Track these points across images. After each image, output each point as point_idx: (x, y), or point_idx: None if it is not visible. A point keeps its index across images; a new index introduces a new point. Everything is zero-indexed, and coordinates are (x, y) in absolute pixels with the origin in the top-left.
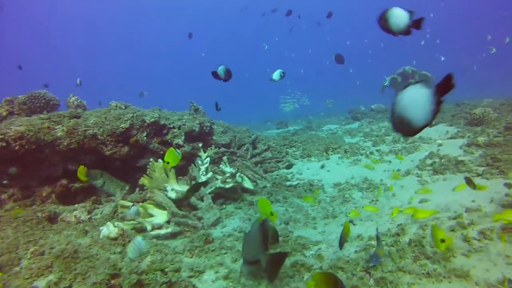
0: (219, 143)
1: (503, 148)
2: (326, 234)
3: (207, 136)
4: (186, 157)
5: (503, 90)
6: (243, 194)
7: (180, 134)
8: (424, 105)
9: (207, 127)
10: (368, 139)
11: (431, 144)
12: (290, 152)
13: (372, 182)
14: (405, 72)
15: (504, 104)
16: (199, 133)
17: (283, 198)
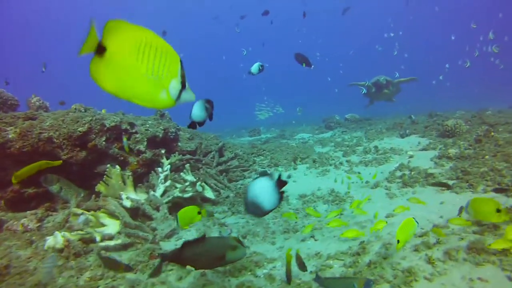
0: (184, 150)
1: (473, 161)
2: (283, 251)
3: (172, 142)
4: (147, 164)
5: (477, 103)
6: (204, 204)
7: (143, 139)
8: (271, 194)
9: (172, 133)
10: (339, 149)
11: (402, 156)
12: (258, 161)
13: (339, 195)
14: (378, 83)
15: (475, 116)
16: (163, 139)
17: (244, 210)
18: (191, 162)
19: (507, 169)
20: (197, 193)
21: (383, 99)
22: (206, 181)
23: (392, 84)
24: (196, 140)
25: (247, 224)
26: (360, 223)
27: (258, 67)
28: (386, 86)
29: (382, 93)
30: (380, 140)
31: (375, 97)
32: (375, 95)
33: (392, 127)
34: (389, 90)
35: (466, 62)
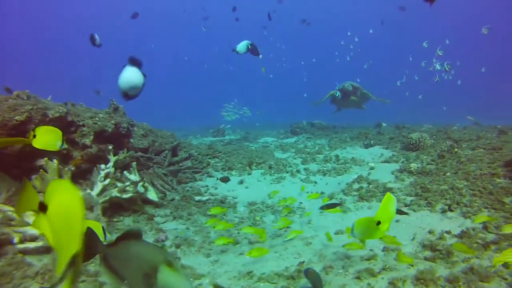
0: (136, 146)
1: (434, 177)
2: (217, 265)
3: (124, 138)
4: (91, 160)
5: (445, 117)
6: (145, 206)
7: (89, 133)
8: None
9: (124, 128)
10: (298, 156)
11: (363, 167)
12: (212, 163)
13: (290, 204)
14: (344, 89)
15: (441, 131)
16: (113, 134)
17: (187, 215)
18: (141, 160)
19: (467, 188)
20: (138, 194)
21: (353, 106)
22: (153, 181)
23: (360, 91)
24: (150, 137)
25: (186, 231)
26: (306, 239)
27: (246, 46)
28: (353, 93)
29: (349, 100)
30: (342, 149)
31: (343, 105)
32: (342, 102)
33: (357, 136)
34: (357, 96)
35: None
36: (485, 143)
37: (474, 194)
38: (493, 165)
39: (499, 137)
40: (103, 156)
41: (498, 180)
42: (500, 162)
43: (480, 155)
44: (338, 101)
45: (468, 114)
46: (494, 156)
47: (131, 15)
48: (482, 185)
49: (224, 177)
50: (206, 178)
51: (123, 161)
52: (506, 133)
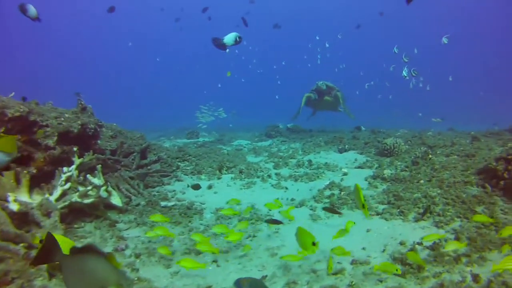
0: (104, 148)
1: (407, 184)
2: (176, 278)
3: (91, 139)
4: (54, 162)
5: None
6: (109, 211)
7: (53, 134)
8: None
9: (91, 129)
10: (271, 160)
11: (336, 172)
12: (182, 167)
13: (258, 212)
14: (318, 88)
15: (416, 136)
16: (79, 135)
17: (151, 222)
18: (108, 162)
19: (440, 196)
20: (100, 199)
21: (328, 109)
22: (118, 185)
23: (334, 92)
24: (119, 139)
25: (149, 239)
26: (272, 249)
27: (234, 38)
28: (328, 93)
29: (323, 100)
30: (316, 153)
31: (317, 106)
32: (316, 103)
33: (331, 140)
34: (331, 97)
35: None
36: (459, 149)
37: (447, 203)
38: (466, 172)
39: (473, 144)
40: (67, 158)
41: (471, 189)
42: (473, 169)
43: (454, 162)
44: (313, 102)
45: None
46: (467, 163)
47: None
48: (455, 194)
49: (195, 185)
50: (175, 182)
51: (89, 164)
52: (479, 140)
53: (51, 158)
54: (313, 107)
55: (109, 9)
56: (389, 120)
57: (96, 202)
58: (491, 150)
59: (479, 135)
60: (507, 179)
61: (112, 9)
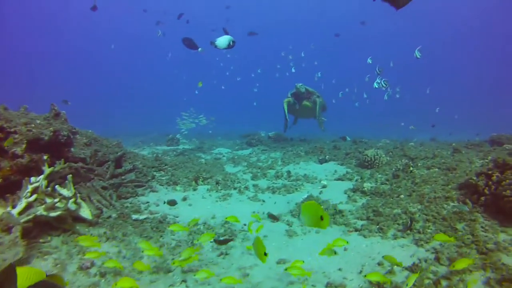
0: (77, 156)
1: (387, 199)
2: None
3: (64, 147)
4: (22, 171)
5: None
6: (78, 224)
7: (22, 141)
8: None
9: (64, 136)
10: (249, 171)
11: (315, 184)
12: (157, 177)
13: (232, 227)
14: (297, 90)
15: (398, 147)
16: (50, 142)
17: (122, 236)
18: (81, 171)
19: (421, 212)
20: (68, 211)
21: (307, 116)
22: (90, 196)
23: (314, 97)
24: (94, 146)
25: (119, 254)
26: (244, 269)
27: (228, 42)
28: (307, 97)
29: (302, 106)
30: (295, 164)
31: (297, 112)
32: (296, 108)
33: (312, 150)
34: (310, 102)
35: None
36: (440, 162)
37: (428, 219)
38: (447, 187)
39: (454, 156)
40: (36, 167)
41: (452, 204)
42: (454, 184)
43: (435, 175)
44: (292, 107)
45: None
46: (448, 177)
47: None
48: (436, 210)
49: (171, 201)
50: (149, 193)
51: (60, 173)
52: (460, 151)
53: (18, 167)
54: (293, 113)
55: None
56: (370, 128)
57: (63, 215)
58: (472, 163)
59: (461, 146)
60: (488, 195)
61: (94, 8)
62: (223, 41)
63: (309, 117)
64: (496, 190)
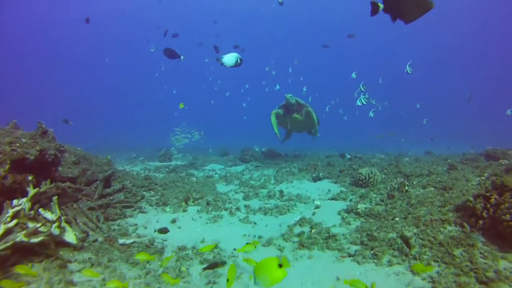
0: (65, 176)
1: (382, 221)
2: None
3: (51, 166)
4: (5, 193)
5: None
6: (62, 249)
7: (5, 161)
8: None
9: (50, 156)
10: (241, 190)
11: (308, 205)
12: (147, 197)
13: (222, 252)
14: (287, 102)
15: (392, 164)
16: (36, 162)
17: (107, 261)
18: (69, 191)
19: (416, 236)
20: (51, 236)
21: (298, 129)
22: (76, 218)
23: (305, 110)
24: (83, 165)
25: (103, 283)
26: None
27: (235, 60)
28: (297, 110)
29: (292, 118)
30: (288, 182)
31: (287, 125)
32: (285, 120)
33: (305, 168)
34: (301, 115)
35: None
36: (436, 180)
37: (424, 244)
38: (443, 209)
39: (450, 173)
40: (20, 189)
41: (449, 228)
42: (450, 205)
43: (431, 196)
44: (282, 120)
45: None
46: (445, 197)
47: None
48: (432, 234)
49: (162, 229)
50: (138, 215)
51: (46, 194)
52: (456, 168)
53: (1, 189)
54: (283, 126)
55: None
56: (365, 141)
57: (46, 240)
58: (468, 180)
59: (456, 162)
60: (486, 218)
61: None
62: (230, 58)
63: (301, 130)
64: (495, 213)
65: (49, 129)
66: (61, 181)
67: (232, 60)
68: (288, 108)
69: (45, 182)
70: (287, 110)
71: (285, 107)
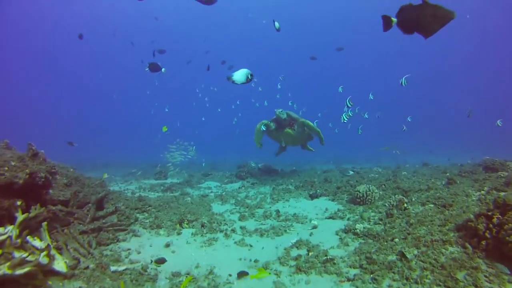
0: (56, 199)
1: (381, 242)
2: None
3: (41, 189)
4: None
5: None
6: (51, 278)
7: None
8: None
9: (41, 179)
10: (237, 210)
11: (305, 225)
12: (140, 219)
13: (217, 278)
14: (277, 118)
15: (390, 179)
16: (26, 185)
17: None
18: (60, 215)
19: (417, 258)
20: (39, 266)
21: (293, 143)
22: (67, 243)
23: (297, 123)
24: (75, 187)
25: None
26: None
27: (246, 76)
28: (289, 124)
29: (285, 133)
30: (285, 201)
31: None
32: (278, 136)
33: (302, 185)
34: (294, 130)
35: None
36: (435, 196)
37: (425, 267)
38: (444, 228)
39: (449, 188)
40: (8, 215)
41: (450, 249)
42: (451, 224)
43: (430, 214)
44: (273, 134)
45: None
46: (445, 215)
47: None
48: (434, 256)
49: (159, 259)
50: (131, 238)
51: (36, 218)
52: (455, 182)
53: None
54: (277, 141)
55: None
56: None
57: (33, 271)
58: (468, 196)
59: (454, 175)
60: (489, 239)
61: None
62: (240, 75)
63: (295, 144)
64: (498, 234)
65: (40, 150)
66: (53, 204)
67: (242, 77)
68: (280, 123)
69: (35, 207)
70: (279, 125)
71: (277, 122)
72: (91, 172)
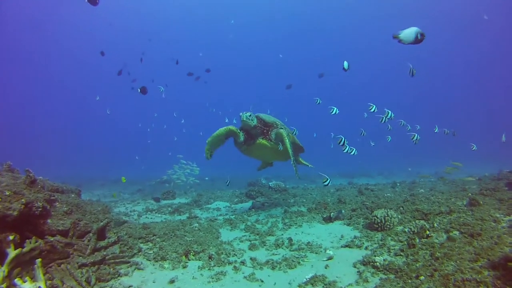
0: (55, 229)
1: (405, 279)
2: None
3: (39, 219)
4: None
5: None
6: None
7: None
8: None
9: (38, 208)
10: (246, 238)
11: (319, 255)
12: (144, 249)
13: None
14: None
15: (408, 200)
16: (22, 216)
17: None
18: (58, 247)
19: None
20: None
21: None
22: (64, 281)
23: (273, 131)
24: (75, 214)
25: None
26: None
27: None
28: (263, 133)
29: (258, 146)
30: (298, 227)
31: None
32: (251, 150)
33: (315, 207)
34: (270, 141)
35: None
36: (458, 220)
37: None
38: (476, 265)
39: (473, 210)
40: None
41: None
42: (483, 260)
43: (457, 245)
44: (244, 149)
45: None
46: (475, 247)
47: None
48: None
49: None
50: (134, 272)
51: (30, 253)
52: (478, 203)
53: None
54: (250, 156)
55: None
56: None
57: None
58: (497, 222)
59: (476, 194)
60: None
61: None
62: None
63: (277, 160)
64: None
65: (38, 177)
66: (51, 235)
67: (411, 35)
68: (249, 132)
69: (30, 240)
70: (248, 135)
71: (246, 132)
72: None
